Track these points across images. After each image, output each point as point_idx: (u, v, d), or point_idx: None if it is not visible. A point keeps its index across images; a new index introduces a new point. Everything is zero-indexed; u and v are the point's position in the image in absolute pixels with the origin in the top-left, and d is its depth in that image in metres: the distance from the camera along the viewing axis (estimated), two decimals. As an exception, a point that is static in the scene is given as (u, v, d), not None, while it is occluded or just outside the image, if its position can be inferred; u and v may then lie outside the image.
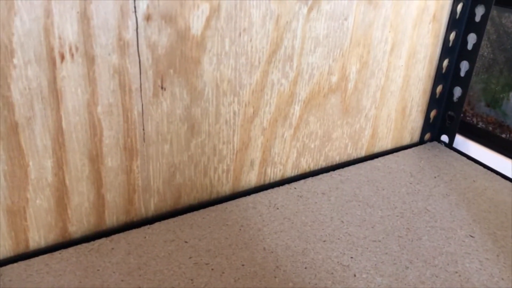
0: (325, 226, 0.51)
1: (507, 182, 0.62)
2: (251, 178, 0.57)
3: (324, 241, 0.49)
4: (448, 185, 0.60)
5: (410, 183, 0.60)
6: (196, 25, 0.44)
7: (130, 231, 0.49)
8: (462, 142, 1.32)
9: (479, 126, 1.29)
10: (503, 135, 1.26)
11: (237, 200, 0.55)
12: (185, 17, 0.43)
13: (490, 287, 0.44)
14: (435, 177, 0.62)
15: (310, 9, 0.51)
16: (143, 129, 0.46)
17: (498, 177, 0.63)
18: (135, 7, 0.40)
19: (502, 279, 0.45)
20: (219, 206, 0.53)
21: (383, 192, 0.58)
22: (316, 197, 0.56)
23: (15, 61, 0.37)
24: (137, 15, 0.41)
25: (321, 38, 0.53)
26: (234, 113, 0.51)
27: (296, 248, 0.47)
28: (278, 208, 0.54)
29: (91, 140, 0.44)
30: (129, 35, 0.41)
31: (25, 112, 0.39)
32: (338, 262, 0.46)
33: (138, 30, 0.42)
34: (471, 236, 0.51)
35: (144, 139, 0.47)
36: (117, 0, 0.39)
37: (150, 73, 0.44)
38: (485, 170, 0.65)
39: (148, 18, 0.42)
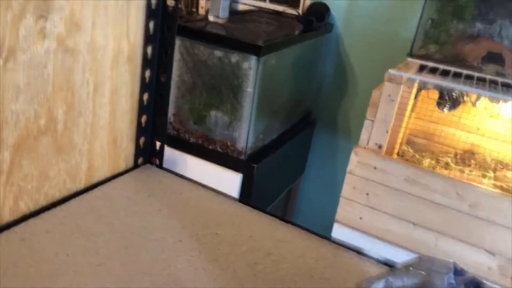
0: (50, 263, 0.54)
1: (208, 190, 0.76)
2: (-36, 232, 0.55)
3: (49, 276, 0.52)
4: (160, 201, 0.70)
5: (128, 206, 0.68)
6: None
7: None
8: (179, 156, 1.49)
9: (191, 141, 1.49)
10: (210, 147, 1.48)
11: (-51, 258, 0.52)
12: None
13: (197, 281, 0.55)
14: (149, 196, 0.71)
15: (6, 61, 0.53)
16: None
17: (200, 187, 0.76)
18: None
19: (203, 269, 0.57)
20: None
21: (105, 219, 0.64)
22: (40, 236, 0.58)
23: None
24: None
25: (22, 86, 0.55)
26: None
27: (22, 291, 0.49)
28: (-1, 257, 0.54)
29: None
30: None
31: None
32: (66, 293, 0.50)
33: None
34: (180, 241, 0.62)
35: None
36: None
37: None
38: (190, 182, 0.78)
39: None
